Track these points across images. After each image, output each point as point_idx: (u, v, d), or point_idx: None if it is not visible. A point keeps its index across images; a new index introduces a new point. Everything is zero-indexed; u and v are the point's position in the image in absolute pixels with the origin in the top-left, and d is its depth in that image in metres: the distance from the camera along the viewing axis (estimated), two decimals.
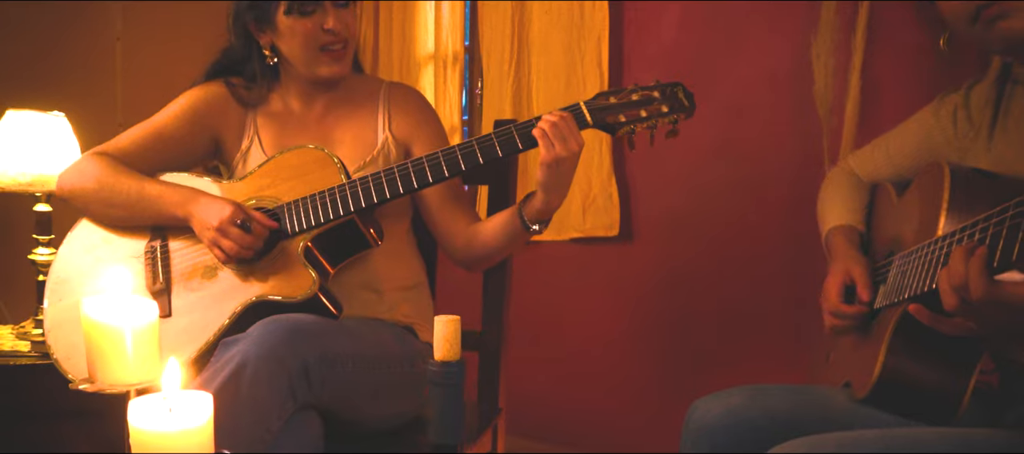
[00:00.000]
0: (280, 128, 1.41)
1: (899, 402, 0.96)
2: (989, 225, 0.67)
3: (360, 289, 1.35)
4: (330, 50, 1.33)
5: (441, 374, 0.70)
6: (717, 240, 2.17)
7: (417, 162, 1.23)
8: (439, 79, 2.63)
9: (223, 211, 1.21)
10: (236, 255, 1.21)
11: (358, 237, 1.27)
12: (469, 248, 1.40)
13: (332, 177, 1.26)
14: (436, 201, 1.40)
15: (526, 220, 1.28)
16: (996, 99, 1.03)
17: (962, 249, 0.66)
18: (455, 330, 0.72)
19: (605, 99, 1.23)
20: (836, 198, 1.25)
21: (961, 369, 0.92)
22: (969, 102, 1.09)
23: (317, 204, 1.23)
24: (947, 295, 0.69)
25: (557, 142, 1.18)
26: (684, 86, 1.24)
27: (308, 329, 1.11)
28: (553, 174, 1.21)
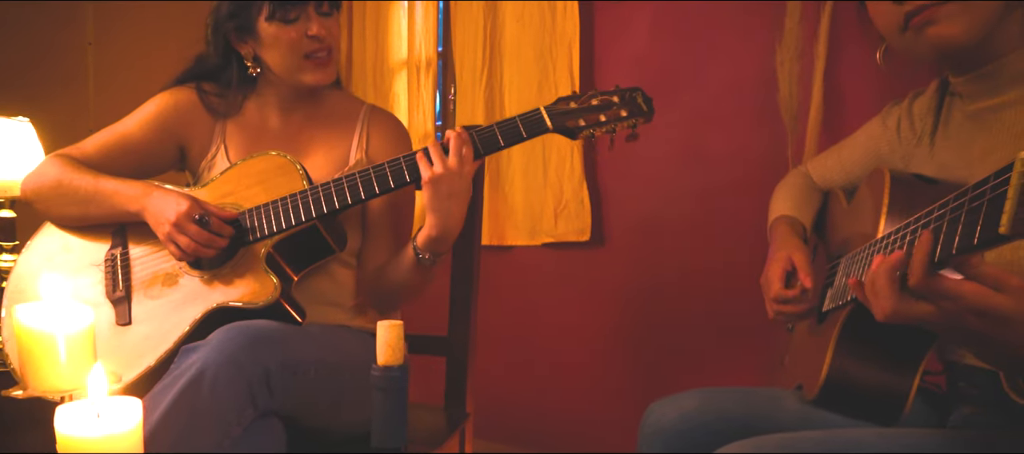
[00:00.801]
0: (250, 139, 1.41)
1: (846, 403, 0.98)
2: (930, 220, 0.68)
3: (325, 296, 1.36)
4: (315, 57, 1.33)
5: (383, 379, 0.71)
6: (687, 245, 2.19)
7: (379, 168, 1.24)
8: (412, 85, 2.64)
9: (180, 205, 1.20)
10: (193, 252, 1.20)
11: (321, 243, 1.27)
12: (378, 278, 1.37)
13: (295, 184, 1.26)
14: (374, 220, 1.40)
15: (417, 248, 1.25)
16: (937, 109, 1.06)
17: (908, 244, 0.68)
18: (397, 335, 0.73)
19: (566, 104, 1.25)
20: (786, 195, 1.27)
21: (905, 370, 0.94)
22: (912, 112, 1.11)
23: (279, 209, 1.24)
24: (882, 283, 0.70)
25: (437, 160, 1.19)
26: (643, 91, 1.26)
27: (269, 335, 1.11)
28: (434, 194, 1.20)
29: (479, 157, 1.23)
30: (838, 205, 1.18)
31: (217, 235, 1.21)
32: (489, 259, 2.52)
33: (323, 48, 1.33)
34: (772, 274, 1.10)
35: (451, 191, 1.20)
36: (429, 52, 2.62)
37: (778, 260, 1.11)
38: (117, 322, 1.23)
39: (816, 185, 1.28)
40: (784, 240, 1.14)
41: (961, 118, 1.00)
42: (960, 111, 1.00)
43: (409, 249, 1.28)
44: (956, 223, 0.64)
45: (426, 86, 2.63)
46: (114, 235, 1.31)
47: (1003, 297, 0.63)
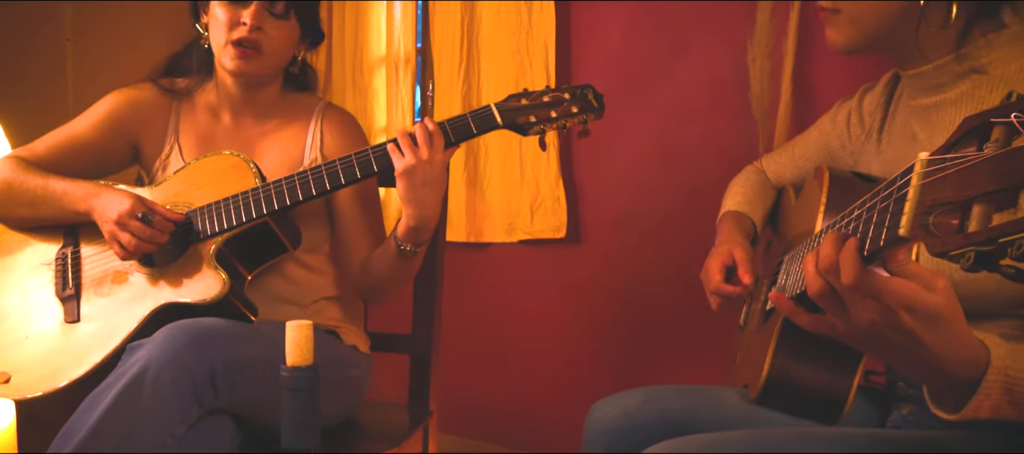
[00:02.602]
0: (203, 138, 1.40)
1: (787, 402, 0.97)
2: (862, 212, 0.67)
3: (281, 295, 1.35)
4: (241, 46, 1.30)
5: (292, 379, 0.70)
6: (663, 242, 2.18)
7: (330, 165, 1.23)
8: (391, 81, 2.63)
9: (123, 204, 1.20)
10: (137, 249, 1.20)
11: (273, 241, 1.27)
12: (364, 273, 1.38)
13: (247, 182, 1.25)
14: (345, 217, 1.39)
15: (398, 239, 1.25)
16: (885, 104, 1.05)
17: (833, 234, 0.66)
18: (306, 336, 0.72)
19: (516, 100, 1.24)
20: (737, 191, 1.27)
21: (845, 369, 0.93)
22: (862, 107, 1.11)
23: (230, 207, 1.23)
24: (812, 279, 0.67)
25: (408, 151, 1.19)
26: (594, 88, 1.26)
27: (216, 333, 1.11)
28: (407, 184, 1.19)
29: (450, 146, 1.23)
30: (788, 202, 1.17)
31: (160, 231, 1.20)
32: (466, 256, 2.52)
33: (251, 42, 1.30)
34: (711, 267, 1.10)
35: (425, 180, 1.19)
36: (408, 48, 2.61)
37: (718, 254, 1.11)
38: (65, 320, 1.23)
39: (770, 182, 1.27)
40: (727, 235, 1.14)
41: (906, 114, 1.00)
42: (906, 106, 1.00)
43: (390, 243, 1.27)
44: (869, 224, 0.63)
45: (405, 82, 2.62)
46: (65, 234, 1.31)
47: (934, 296, 0.62)
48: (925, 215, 0.53)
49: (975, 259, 0.47)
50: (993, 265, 0.47)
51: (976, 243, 0.47)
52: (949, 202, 0.51)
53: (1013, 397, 0.65)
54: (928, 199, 0.53)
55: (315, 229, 1.40)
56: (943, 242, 0.50)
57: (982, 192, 0.48)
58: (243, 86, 1.38)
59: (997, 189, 0.46)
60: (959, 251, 0.48)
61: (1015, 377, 0.65)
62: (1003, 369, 0.65)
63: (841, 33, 0.94)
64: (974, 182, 0.48)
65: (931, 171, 0.53)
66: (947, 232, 0.51)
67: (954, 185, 0.50)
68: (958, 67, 0.90)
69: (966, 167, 0.49)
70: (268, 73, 1.39)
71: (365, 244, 1.38)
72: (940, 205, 0.52)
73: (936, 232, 0.52)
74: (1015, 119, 0.45)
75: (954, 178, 0.50)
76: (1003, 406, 0.65)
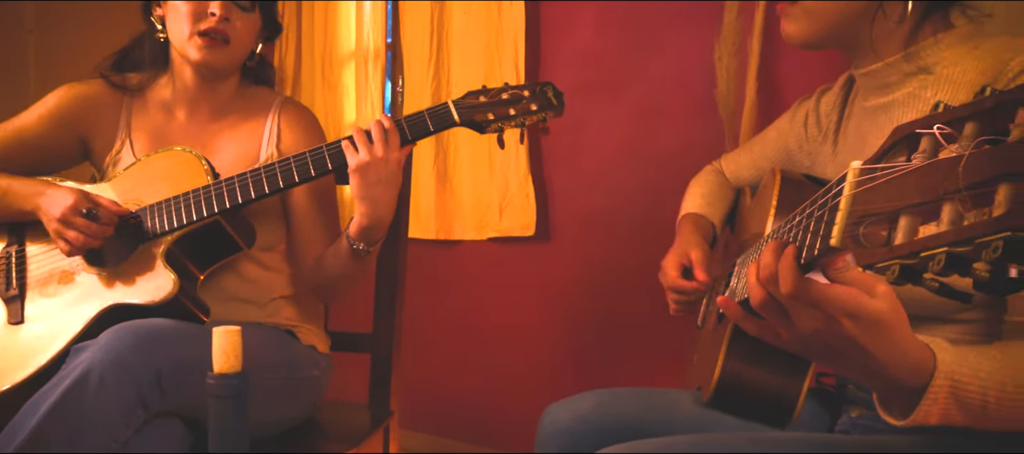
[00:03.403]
0: (156, 134, 1.38)
1: (739, 405, 0.97)
2: (802, 219, 0.66)
3: (235, 294, 1.33)
4: (207, 36, 1.28)
5: (219, 387, 0.68)
6: (632, 240, 2.18)
7: (285, 162, 1.21)
8: (360, 76, 2.61)
9: (66, 200, 1.17)
10: (82, 246, 1.17)
11: (226, 240, 1.24)
12: (316, 271, 1.35)
13: (199, 179, 1.23)
14: (300, 214, 1.37)
15: (350, 238, 1.23)
16: (841, 105, 1.05)
17: (773, 243, 0.65)
18: (234, 342, 0.71)
19: (474, 98, 1.23)
20: (696, 192, 1.27)
21: (794, 373, 0.93)
22: (819, 108, 1.11)
23: (180, 205, 1.21)
24: (753, 289, 0.66)
25: (362, 147, 1.17)
26: (554, 86, 1.24)
27: (163, 334, 1.08)
28: (361, 182, 1.17)
29: (406, 144, 1.21)
30: (745, 203, 1.17)
31: (106, 225, 1.17)
32: (435, 253, 2.51)
33: (219, 32, 1.29)
34: (667, 265, 1.10)
35: (379, 178, 1.17)
36: (378, 43, 2.59)
37: (674, 255, 1.11)
38: (9, 321, 1.20)
39: (729, 182, 1.27)
40: (684, 237, 1.14)
41: (860, 116, 0.99)
42: (860, 108, 1.00)
43: (343, 241, 1.25)
44: (807, 232, 0.62)
45: (375, 77, 2.60)
46: (9, 233, 1.27)
47: (876, 301, 0.61)
48: (856, 225, 0.52)
49: (899, 272, 0.46)
50: (917, 279, 0.46)
51: (900, 256, 0.46)
52: (878, 213, 0.50)
53: (961, 402, 0.64)
54: (859, 209, 0.52)
55: (271, 227, 1.38)
56: (870, 254, 0.49)
57: (908, 204, 0.47)
58: (202, 78, 1.36)
59: (922, 202, 0.46)
60: (884, 264, 0.47)
61: (961, 382, 0.64)
62: (949, 374, 0.64)
63: (798, 26, 0.93)
64: (901, 194, 0.47)
65: (862, 181, 0.52)
66: (875, 244, 0.50)
67: (883, 196, 0.50)
68: (907, 66, 0.89)
69: (894, 178, 0.48)
70: (232, 65, 1.37)
71: (320, 242, 1.36)
72: (870, 216, 0.51)
73: (865, 243, 0.51)
74: (937, 131, 0.45)
75: (883, 189, 0.50)
76: (952, 411, 0.64)
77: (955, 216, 0.43)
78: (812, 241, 0.59)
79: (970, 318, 0.82)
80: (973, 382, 0.64)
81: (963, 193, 0.42)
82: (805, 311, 0.62)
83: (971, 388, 0.64)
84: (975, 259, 0.42)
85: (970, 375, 0.65)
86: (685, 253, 1.10)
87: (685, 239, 1.14)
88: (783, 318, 0.65)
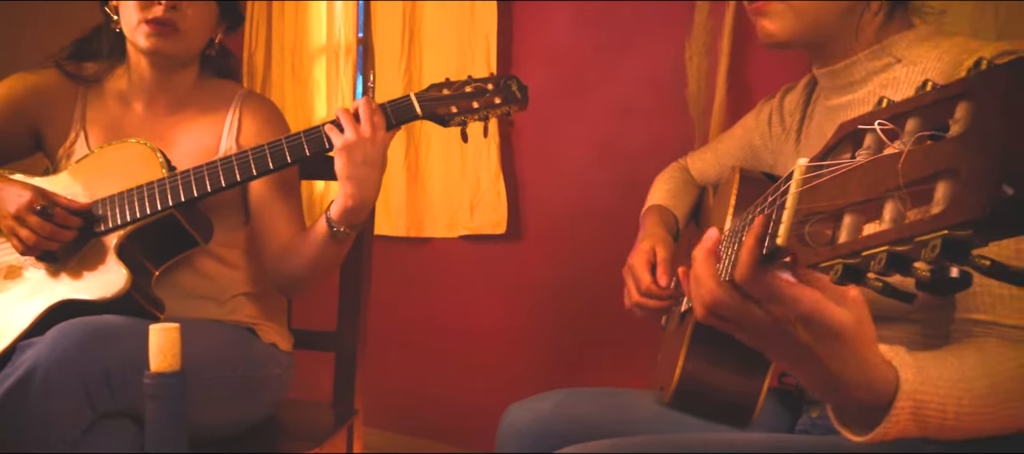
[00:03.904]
0: (111, 125, 1.34)
1: (699, 405, 0.96)
2: (754, 216, 0.64)
3: (193, 290, 1.30)
4: (156, 24, 1.24)
5: (156, 387, 0.66)
6: (603, 240, 2.17)
7: (242, 155, 1.19)
8: (331, 71, 2.58)
9: (21, 197, 1.14)
10: (36, 245, 1.14)
11: (181, 234, 1.22)
12: (283, 260, 1.31)
13: (155, 172, 1.20)
14: (263, 206, 1.33)
15: (331, 220, 1.19)
16: (804, 104, 1.05)
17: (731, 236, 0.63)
18: (172, 340, 0.68)
19: (437, 90, 1.21)
20: (661, 186, 1.26)
21: (754, 373, 0.92)
22: (782, 107, 1.10)
23: (134, 198, 1.18)
24: None
25: (349, 127, 1.14)
26: (518, 79, 1.23)
27: (113, 331, 1.06)
28: (347, 161, 1.14)
29: (391, 128, 1.19)
30: (708, 201, 1.16)
31: (62, 227, 1.14)
32: (406, 251, 2.49)
33: (168, 20, 1.25)
34: (637, 265, 1.08)
35: (366, 158, 1.14)
36: (349, 38, 2.56)
37: (642, 251, 1.09)
38: None
39: (693, 179, 1.27)
40: (649, 231, 1.13)
41: (822, 113, 0.99)
42: (822, 106, 0.99)
43: (321, 223, 1.21)
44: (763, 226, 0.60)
45: (346, 72, 2.57)
46: None
47: (840, 311, 0.56)
48: (802, 224, 0.51)
49: (842, 272, 0.45)
50: (860, 278, 0.45)
51: (843, 255, 0.45)
52: (823, 211, 0.49)
53: (920, 420, 0.62)
54: (805, 207, 0.51)
55: (231, 222, 1.35)
56: (814, 253, 0.48)
57: (852, 202, 0.46)
58: (158, 68, 1.32)
59: (865, 199, 0.44)
60: (828, 263, 0.46)
61: (923, 401, 0.61)
62: (912, 394, 0.61)
63: (780, 23, 0.89)
64: (844, 192, 0.46)
65: (809, 178, 0.51)
66: (820, 242, 0.49)
67: (828, 194, 0.48)
68: (870, 64, 0.89)
69: (838, 175, 0.47)
70: (185, 54, 1.33)
71: (283, 233, 1.32)
72: (816, 214, 0.50)
73: (810, 242, 0.50)
74: (879, 127, 0.44)
75: (828, 186, 0.48)
76: (910, 429, 0.62)
77: (896, 214, 0.42)
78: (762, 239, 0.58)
79: (921, 318, 0.82)
80: (933, 400, 0.62)
81: (903, 191, 0.41)
82: (756, 308, 0.59)
83: (931, 407, 0.62)
84: (916, 258, 0.41)
85: (931, 393, 0.62)
86: (651, 249, 1.09)
87: (650, 234, 1.12)
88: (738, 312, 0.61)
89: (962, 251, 0.37)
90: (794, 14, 0.87)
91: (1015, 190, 0.33)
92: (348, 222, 1.19)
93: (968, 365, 0.67)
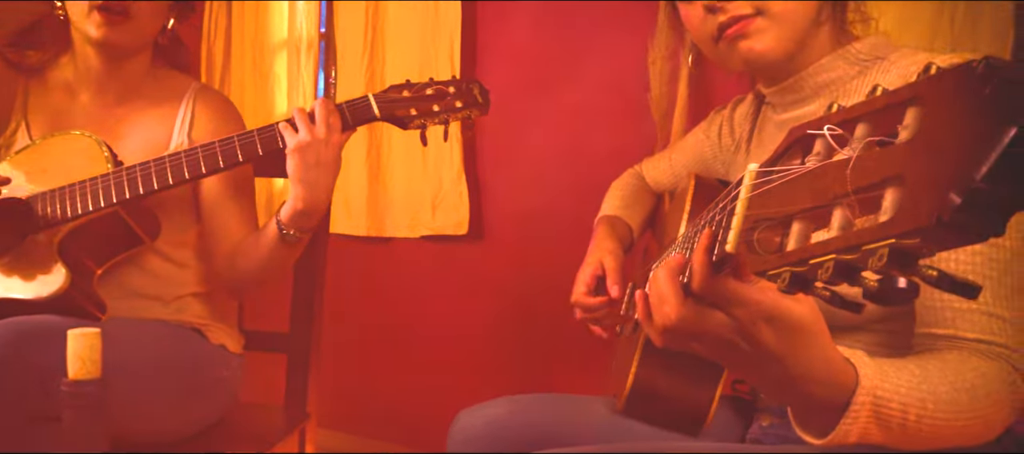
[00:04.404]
0: (55, 116, 1.29)
1: (651, 413, 0.95)
2: (706, 223, 0.63)
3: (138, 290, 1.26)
4: (105, 11, 1.19)
5: (73, 395, 0.63)
6: (565, 242, 2.15)
7: (192, 152, 1.15)
8: (293, 65, 2.53)
9: None
10: None
11: (126, 232, 1.17)
12: (232, 261, 1.27)
13: (99, 166, 1.15)
14: (210, 202, 1.30)
15: (281, 223, 1.16)
16: (754, 116, 1.04)
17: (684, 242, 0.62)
18: (90, 345, 0.65)
19: (397, 91, 1.18)
20: (615, 194, 1.25)
21: (707, 381, 0.91)
22: (733, 118, 1.10)
23: (75, 193, 1.13)
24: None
25: (304, 127, 1.11)
26: (480, 83, 1.21)
27: (47, 332, 1.01)
28: (300, 163, 1.11)
29: (348, 129, 1.16)
30: (663, 208, 1.16)
31: None
32: (367, 250, 2.46)
33: (119, 7, 1.19)
34: (579, 279, 1.07)
35: (319, 160, 1.11)
36: (311, 33, 2.51)
37: (589, 265, 1.08)
38: None
39: (648, 187, 1.26)
40: (598, 244, 1.12)
41: (772, 127, 0.98)
42: (771, 120, 0.99)
43: (271, 226, 1.18)
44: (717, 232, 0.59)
45: (307, 67, 2.52)
46: None
47: (797, 305, 0.57)
48: (751, 230, 0.50)
49: (790, 280, 0.44)
50: (808, 287, 0.44)
51: (791, 263, 0.44)
52: (772, 218, 0.47)
53: (882, 420, 0.61)
54: (754, 213, 0.49)
55: (180, 220, 1.31)
56: (763, 261, 0.47)
57: (800, 209, 0.44)
58: (107, 57, 1.27)
59: (814, 206, 0.43)
60: (776, 271, 0.45)
61: (883, 398, 0.61)
62: (872, 389, 0.61)
63: (767, 39, 0.85)
64: (793, 198, 0.45)
65: (758, 184, 0.50)
66: (768, 249, 0.48)
67: (777, 200, 0.47)
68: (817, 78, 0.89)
69: (787, 181, 0.46)
70: (136, 42, 1.28)
71: (234, 234, 1.29)
72: (765, 220, 0.48)
73: (759, 249, 0.49)
74: (828, 132, 0.42)
75: (777, 193, 0.47)
76: (871, 430, 0.61)
77: (845, 222, 0.41)
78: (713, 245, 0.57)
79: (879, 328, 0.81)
80: (894, 399, 0.62)
81: (852, 197, 0.40)
82: (717, 315, 0.58)
83: (892, 405, 0.62)
84: (863, 267, 0.40)
85: (891, 392, 0.62)
86: (599, 262, 1.08)
87: (599, 246, 1.11)
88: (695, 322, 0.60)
89: (909, 261, 0.36)
90: (780, 26, 0.84)
91: (962, 198, 0.32)
92: (298, 225, 1.16)
93: (930, 371, 0.67)
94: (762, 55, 0.86)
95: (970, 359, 0.70)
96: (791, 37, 0.86)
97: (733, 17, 0.85)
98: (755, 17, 0.85)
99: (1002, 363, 0.70)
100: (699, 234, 0.63)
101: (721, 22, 0.86)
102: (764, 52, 0.86)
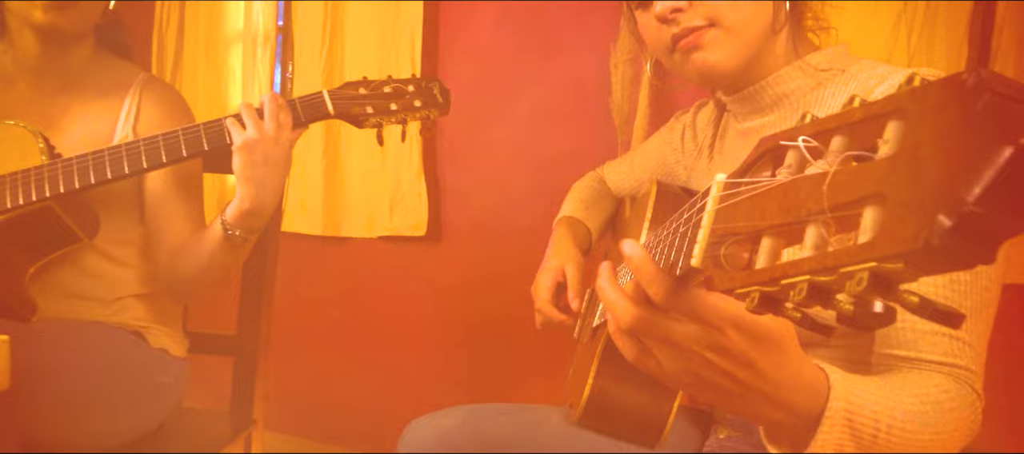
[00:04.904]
0: None
1: (608, 424, 0.92)
2: (669, 234, 0.60)
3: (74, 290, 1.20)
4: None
5: None
6: (523, 245, 2.12)
7: (133, 145, 1.09)
8: (248, 59, 2.46)
9: None
10: None
11: (60, 229, 1.11)
12: (175, 261, 1.21)
13: (32, 159, 1.09)
14: (154, 199, 1.24)
15: (226, 223, 1.11)
16: (716, 121, 1.03)
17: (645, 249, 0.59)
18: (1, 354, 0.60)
19: (354, 89, 1.14)
20: (576, 197, 1.23)
21: (665, 391, 0.89)
22: (696, 123, 1.08)
23: (5, 186, 1.06)
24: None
25: (251, 123, 1.06)
26: (441, 82, 1.17)
27: None
28: (247, 161, 1.06)
29: (299, 126, 1.10)
30: (623, 213, 1.14)
31: None
32: (322, 250, 2.40)
33: None
34: (542, 285, 1.04)
35: (266, 158, 1.06)
36: (268, 25, 2.45)
37: (549, 270, 1.05)
38: None
39: (610, 190, 1.24)
40: (559, 248, 1.09)
41: (734, 135, 0.97)
42: (733, 128, 0.97)
43: (216, 226, 1.12)
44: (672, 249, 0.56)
45: (263, 61, 2.46)
46: None
47: (766, 316, 0.53)
48: (718, 245, 0.47)
49: (759, 300, 0.41)
50: (778, 308, 0.41)
51: (760, 282, 0.41)
52: (740, 232, 0.45)
53: (854, 430, 0.59)
54: (721, 227, 0.47)
55: (123, 217, 1.24)
56: (730, 278, 0.44)
57: (771, 224, 0.42)
58: (48, 43, 1.21)
59: (785, 222, 0.41)
60: (744, 289, 0.42)
61: (856, 404, 0.59)
62: (845, 395, 0.59)
63: (721, 51, 0.83)
64: (763, 212, 0.42)
65: (725, 196, 0.47)
66: (736, 266, 0.45)
67: (746, 213, 0.44)
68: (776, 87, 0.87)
69: (758, 194, 0.43)
70: (81, 27, 1.22)
71: (179, 233, 1.23)
72: (732, 235, 0.46)
73: (726, 265, 0.46)
74: (803, 144, 0.40)
75: (746, 205, 0.44)
76: (845, 441, 0.59)
77: (819, 240, 0.39)
78: (676, 259, 0.54)
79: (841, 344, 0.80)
80: (866, 406, 0.60)
81: (827, 215, 0.37)
82: (682, 327, 0.55)
83: (865, 413, 0.60)
84: (839, 290, 0.37)
85: (863, 399, 0.60)
86: (560, 269, 1.05)
87: (560, 251, 1.09)
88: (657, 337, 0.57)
89: (891, 285, 0.34)
90: (733, 37, 0.83)
91: (952, 221, 0.29)
92: (244, 225, 1.11)
93: (895, 385, 0.66)
94: (715, 67, 0.85)
95: (933, 377, 0.70)
96: (745, 48, 0.85)
97: (686, 29, 0.84)
98: (708, 28, 0.83)
99: (963, 384, 0.69)
100: (657, 248, 0.60)
101: (674, 34, 0.85)
102: (717, 64, 0.85)
